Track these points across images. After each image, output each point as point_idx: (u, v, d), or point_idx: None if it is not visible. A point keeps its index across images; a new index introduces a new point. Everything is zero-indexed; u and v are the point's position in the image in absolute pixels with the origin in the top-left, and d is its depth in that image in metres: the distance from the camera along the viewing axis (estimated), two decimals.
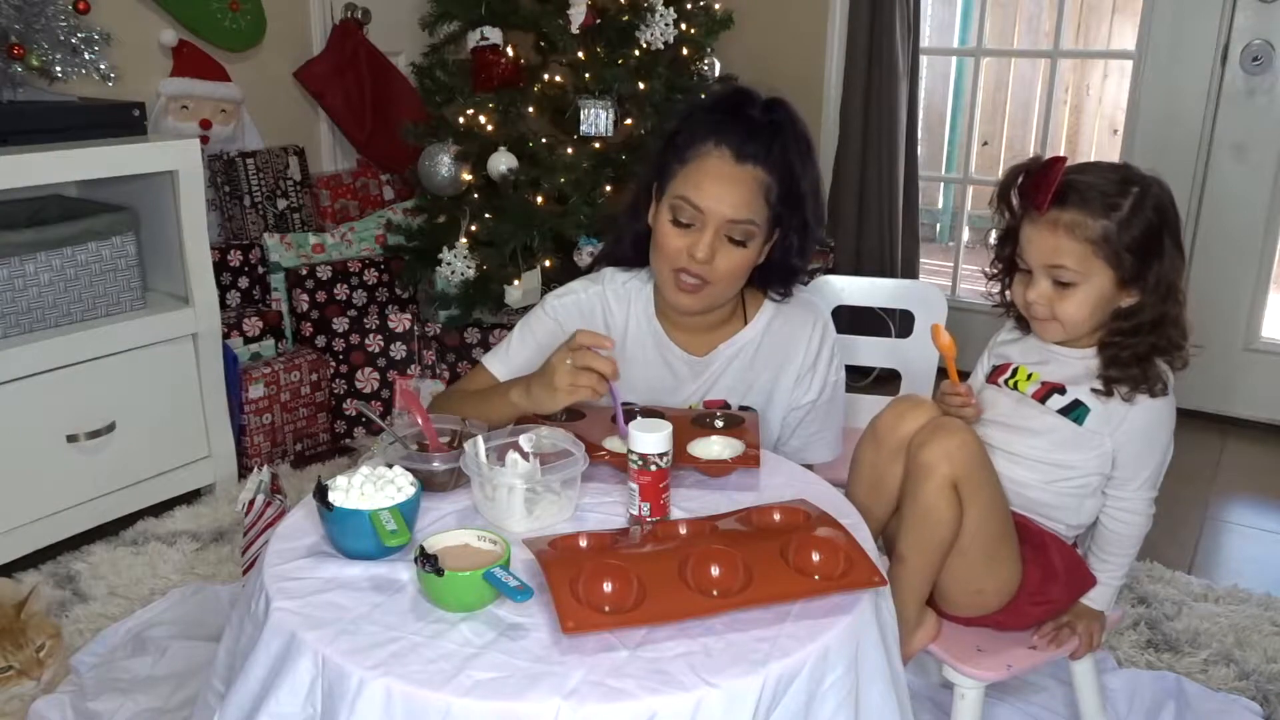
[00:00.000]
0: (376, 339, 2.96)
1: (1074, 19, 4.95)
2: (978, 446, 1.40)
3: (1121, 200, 1.37)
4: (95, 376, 2.38)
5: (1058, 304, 1.41)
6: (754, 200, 1.49)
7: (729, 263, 1.51)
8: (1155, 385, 1.40)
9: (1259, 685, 1.93)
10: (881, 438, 1.49)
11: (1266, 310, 3.21)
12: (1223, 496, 2.81)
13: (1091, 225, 1.36)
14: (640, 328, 1.64)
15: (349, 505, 1.18)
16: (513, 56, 2.82)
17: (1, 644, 1.70)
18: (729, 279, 1.53)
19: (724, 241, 1.50)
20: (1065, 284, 1.39)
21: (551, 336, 1.60)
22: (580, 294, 1.65)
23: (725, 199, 1.48)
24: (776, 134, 1.51)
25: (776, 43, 3.72)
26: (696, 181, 1.49)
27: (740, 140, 1.49)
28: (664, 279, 1.55)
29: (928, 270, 4.37)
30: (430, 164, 2.87)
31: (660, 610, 1.06)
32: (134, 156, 2.41)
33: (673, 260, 1.51)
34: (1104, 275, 1.38)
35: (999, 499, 1.43)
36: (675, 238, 1.51)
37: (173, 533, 2.45)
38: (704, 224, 1.49)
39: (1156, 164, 2.47)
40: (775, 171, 1.50)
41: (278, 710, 1.03)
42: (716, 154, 1.49)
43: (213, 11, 3.01)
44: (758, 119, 1.52)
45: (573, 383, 1.35)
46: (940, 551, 1.41)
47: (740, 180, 1.49)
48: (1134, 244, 1.37)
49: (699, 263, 1.49)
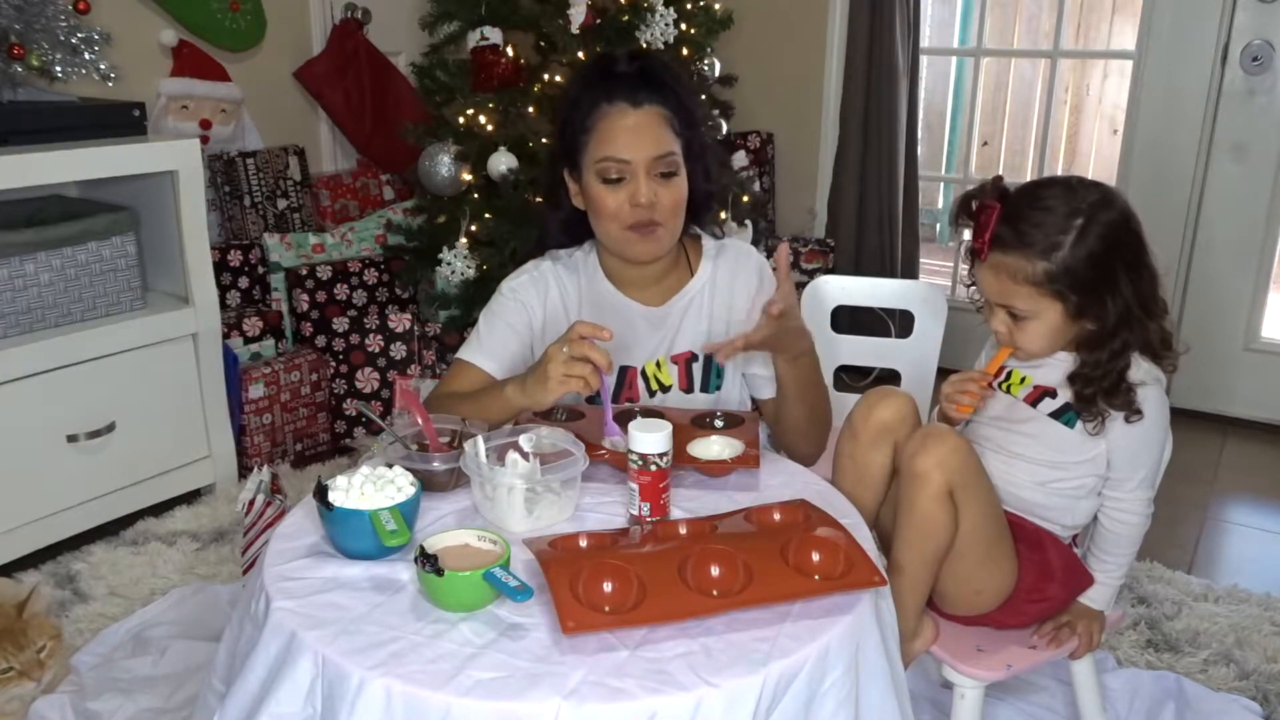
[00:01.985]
0: (376, 339, 2.96)
1: (1074, 19, 4.95)
2: (969, 450, 1.41)
3: (1063, 238, 1.35)
4: (95, 376, 2.38)
5: (1016, 334, 1.43)
6: (664, 133, 1.56)
7: (670, 196, 1.57)
8: (1130, 414, 1.40)
9: (1259, 685, 1.93)
10: (857, 429, 1.52)
11: (1266, 310, 3.22)
12: (1223, 496, 2.81)
13: (1032, 270, 1.37)
14: (594, 289, 1.69)
15: (349, 505, 1.18)
16: (513, 56, 2.82)
17: (2, 645, 1.70)
18: (674, 212, 1.59)
19: (656, 180, 1.56)
20: (1018, 316, 1.41)
21: (517, 315, 1.66)
22: (532, 271, 1.71)
23: (642, 142, 1.55)
24: (653, 74, 1.60)
25: (776, 43, 3.72)
26: (610, 138, 1.55)
27: (629, 89, 1.56)
28: (616, 240, 1.60)
29: (928, 270, 4.37)
30: (430, 164, 2.87)
31: (660, 610, 1.06)
32: (134, 156, 2.41)
33: (620, 218, 1.57)
34: (1053, 310, 1.39)
35: (993, 500, 1.44)
36: (612, 197, 1.56)
37: (173, 533, 2.45)
38: (633, 172, 1.55)
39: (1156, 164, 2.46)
40: (669, 103, 1.58)
41: (278, 710, 1.03)
42: (616, 109, 1.56)
43: (213, 11, 3.01)
44: (631, 70, 1.59)
45: (565, 374, 1.35)
46: (939, 559, 1.41)
47: (646, 121, 1.56)
48: (1078, 281, 1.36)
49: (645, 208, 1.55)
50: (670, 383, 1.68)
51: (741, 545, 1.15)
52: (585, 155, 1.58)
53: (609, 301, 1.68)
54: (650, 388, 1.68)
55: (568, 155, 1.61)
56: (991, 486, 1.44)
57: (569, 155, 1.61)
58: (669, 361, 1.68)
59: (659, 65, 1.62)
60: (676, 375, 1.68)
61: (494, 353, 1.65)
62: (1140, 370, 1.41)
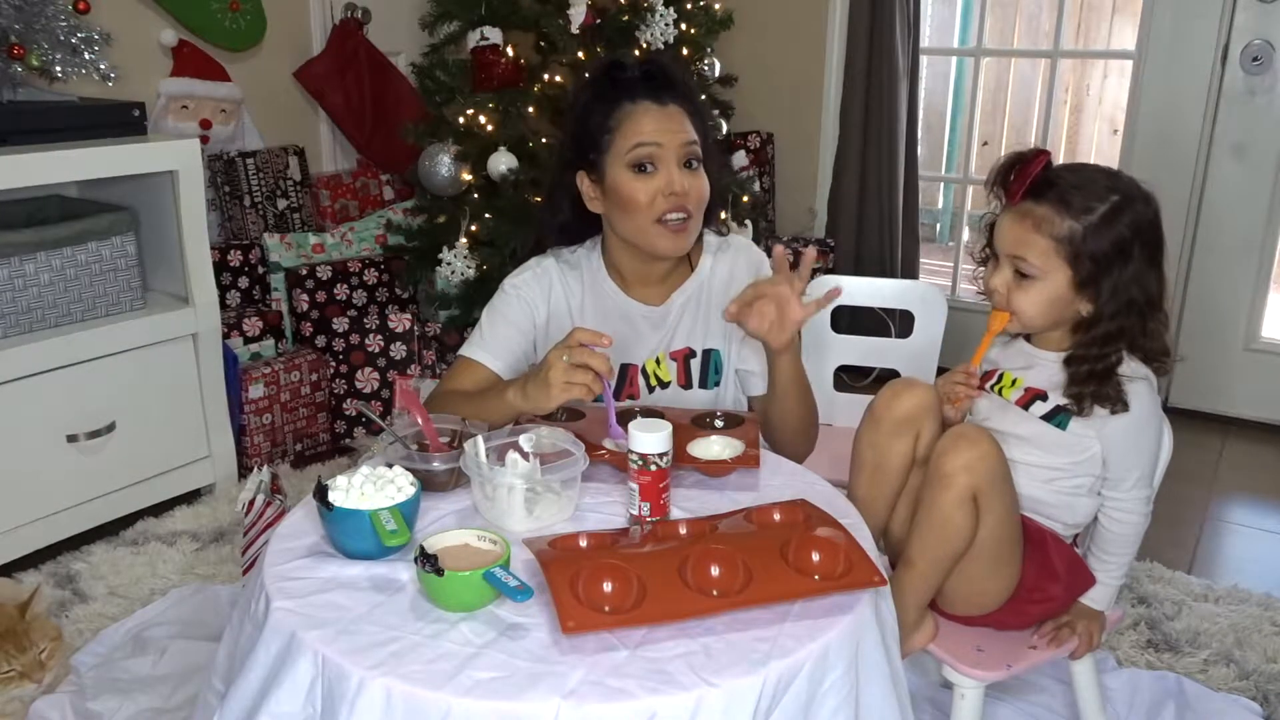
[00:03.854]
0: (376, 339, 2.96)
1: (1074, 19, 4.95)
2: (999, 457, 1.39)
3: (1098, 205, 1.37)
4: (95, 376, 2.38)
5: (1014, 294, 1.43)
6: (689, 125, 1.59)
7: (698, 187, 1.58)
8: (1116, 405, 1.40)
9: (1259, 685, 1.93)
10: (879, 418, 1.51)
11: (1266, 310, 3.22)
12: (1223, 496, 2.81)
13: (1059, 223, 1.38)
14: (597, 288, 1.70)
15: (349, 505, 1.18)
16: (513, 56, 2.82)
17: (4, 647, 1.70)
18: (702, 204, 1.60)
19: (685, 170, 1.57)
20: (1025, 275, 1.42)
21: (520, 312, 1.67)
22: (534, 268, 1.71)
23: (672, 129, 1.57)
24: (670, 75, 1.62)
25: (776, 43, 3.72)
26: (640, 127, 1.56)
27: (651, 90, 1.58)
28: (646, 234, 1.60)
29: (928, 270, 4.37)
30: (430, 164, 2.87)
31: (660, 610, 1.06)
32: (134, 156, 2.41)
33: (654, 208, 1.57)
34: (1062, 274, 1.40)
35: (1014, 508, 1.43)
36: (644, 188, 1.56)
37: (173, 533, 2.45)
38: (664, 159, 1.56)
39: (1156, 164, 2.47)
40: (688, 102, 1.61)
41: (278, 710, 1.03)
42: (640, 106, 1.57)
43: (213, 11, 3.01)
44: (649, 71, 1.61)
45: (567, 380, 1.36)
46: (952, 560, 1.41)
47: (671, 114, 1.58)
48: (1097, 251, 1.37)
49: (679, 195, 1.55)
50: (669, 379, 1.69)
51: (741, 545, 1.15)
52: (611, 151, 1.58)
53: (611, 300, 1.69)
54: (650, 384, 1.69)
55: (585, 158, 1.61)
56: (1014, 494, 1.43)
57: (587, 158, 1.61)
58: (668, 358, 1.69)
59: (673, 67, 1.65)
60: (675, 371, 1.68)
61: (497, 350, 1.65)
62: (1130, 366, 1.42)
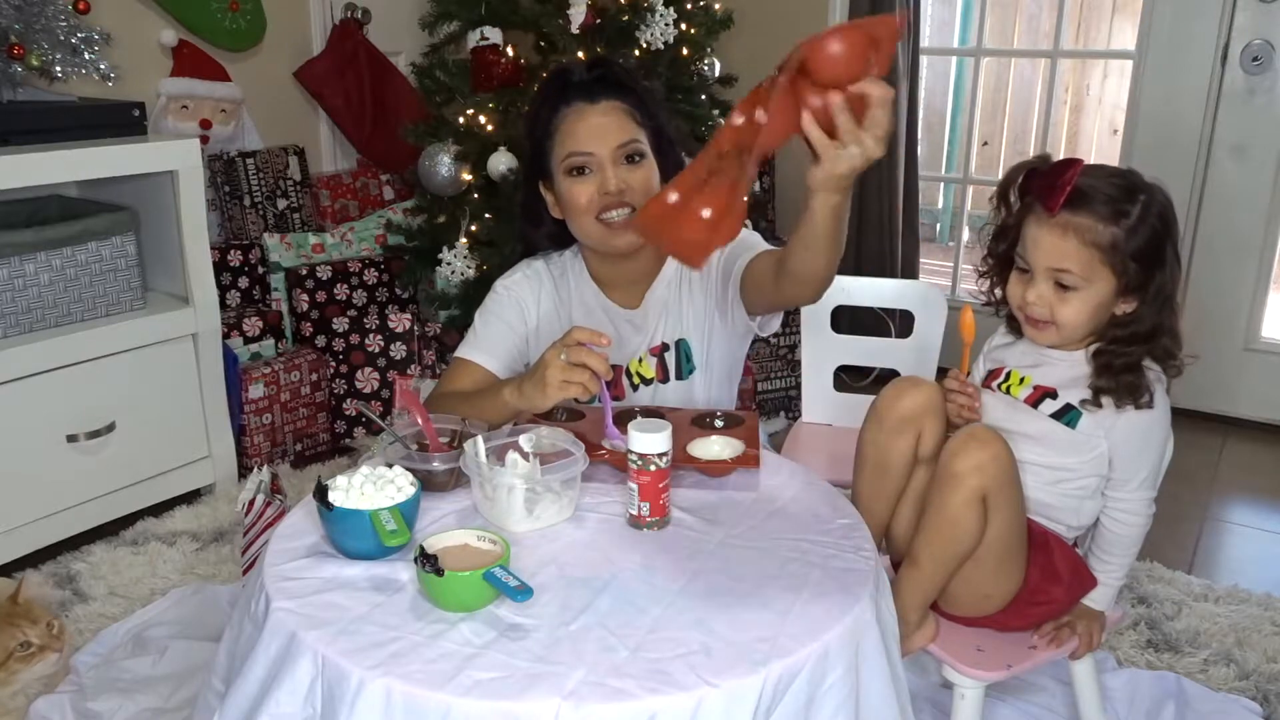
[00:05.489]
0: (376, 339, 2.96)
1: (1074, 19, 4.95)
2: (1009, 459, 1.39)
3: (1130, 207, 1.36)
4: (95, 376, 2.38)
5: (1057, 307, 1.41)
6: (626, 123, 1.60)
7: (640, 179, 1.59)
8: (1142, 397, 1.40)
9: (1259, 685, 1.93)
10: (883, 415, 1.51)
11: (1266, 310, 3.21)
12: (1223, 496, 2.81)
13: (1101, 231, 1.36)
14: (583, 291, 1.72)
15: (349, 505, 1.18)
16: (513, 56, 2.82)
17: (15, 623, 1.72)
18: (646, 194, 1.60)
19: (623, 165, 1.58)
20: (1066, 287, 1.39)
21: (513, 312, 1.69)
22: (525, 269, 1.73)
23: (602, 133, 1.58)
24: (609, 75, 1.63)
25: (776, 43, 3.70)
26: (571, 134, 1.59)
27: (585, 90, 1.60)
28: (592, 234, 1.62)
29: (928, 270, 4.37)
30: (430, 164, 2.87)
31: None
32: (134, 156, 2.41)
33: (592, 208, 1.59)
34: (1106, 282, 1.39)
35: (1022, 510, 1.43)
36: (581, 190, 1.59)
37: (173, 533, 2.45)
38: (599, 164, 1.58)
39: (1156, 164, 2.46)
40: (628, 98, 1.61)
41: (277, 710, 1.03)
42: (574, 109, 1.60)
43: (213, 11, 3.01)
44: (587, 77, 1.63)
45: (564, 379, 1.36)
46: (958, 561, 1.41)
47: (605, 114, 1.59)
48: (1139, 253, 1.37)
49: (615, 195, 1.57)
50: (651, 375, 1.69)
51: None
52: (553, 158, 1.61)
53: (595, 304, 1.71)
54: (634, 383, 1.69)
55: (539, 166, 1.65)
56: (1023, 497, 1.43)
57: (540, 165, 1.65)
58: (649, 355, 1.70)
59: (615, 68, 1.66)
60: (655, 367, 1.69)
61: (492, 349, 1.67)
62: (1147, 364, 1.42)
